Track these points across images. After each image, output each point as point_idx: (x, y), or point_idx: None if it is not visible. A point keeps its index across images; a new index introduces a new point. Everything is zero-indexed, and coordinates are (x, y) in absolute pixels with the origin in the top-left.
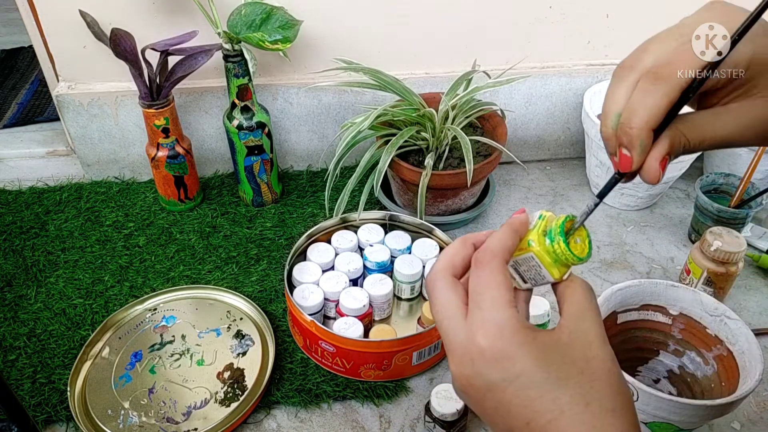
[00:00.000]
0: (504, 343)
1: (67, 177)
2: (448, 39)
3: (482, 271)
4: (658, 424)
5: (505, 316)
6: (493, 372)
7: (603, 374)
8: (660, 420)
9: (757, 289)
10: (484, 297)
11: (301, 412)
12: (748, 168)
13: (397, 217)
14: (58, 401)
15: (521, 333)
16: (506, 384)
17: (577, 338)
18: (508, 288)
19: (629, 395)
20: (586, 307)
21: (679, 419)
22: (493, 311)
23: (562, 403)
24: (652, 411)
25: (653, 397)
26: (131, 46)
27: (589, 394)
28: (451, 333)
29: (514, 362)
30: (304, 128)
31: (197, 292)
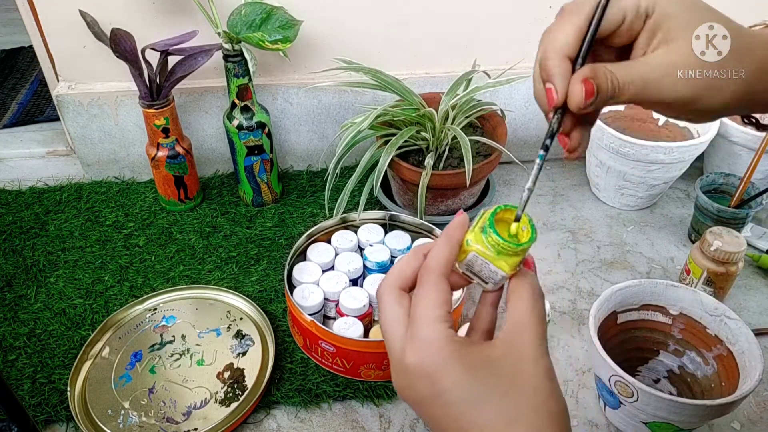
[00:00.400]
0: (429, 359)
1: (67, 177)
2: (448, 39)
3: (419, 288)
4: (658, 424)
5: (432, 332)
6: (420, 387)
7: (529, 392)
8: (660, 420)
9: (757, 289)
10: (417, 313)
11: (301, 412)
12: (748, 168)
13: (397, 217)
14: (58, 401)
15: (447, 349)
16: (432, 399)
17: (508, 354)
18: (441, 303)
19: (558, 413)
20: (525, 319)
21: (678, 419)
22: (422, 327)
23: (482, 422)
24: (652, 411)
25: (653, 397)
26: (131, 46)
27: (511, 413)
28: (390, 346)
29: (439, 379)
30: (304, 128)
31: (197, 292)
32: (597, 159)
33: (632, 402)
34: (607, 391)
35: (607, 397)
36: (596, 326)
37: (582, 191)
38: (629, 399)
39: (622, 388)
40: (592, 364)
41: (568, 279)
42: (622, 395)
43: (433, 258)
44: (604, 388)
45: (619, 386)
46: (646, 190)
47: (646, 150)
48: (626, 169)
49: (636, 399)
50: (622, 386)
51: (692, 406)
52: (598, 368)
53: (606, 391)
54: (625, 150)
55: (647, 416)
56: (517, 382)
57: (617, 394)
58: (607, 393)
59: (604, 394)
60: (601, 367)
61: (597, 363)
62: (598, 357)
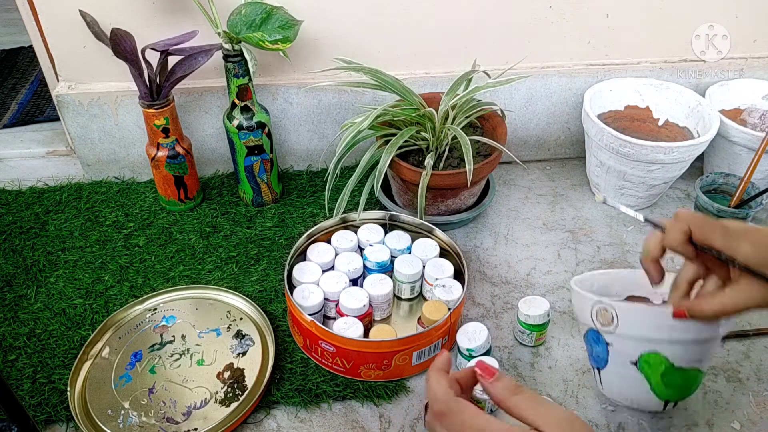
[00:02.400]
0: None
1: (67, 177)
2: (448, 39)
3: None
4: (647, 358)
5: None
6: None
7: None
8: (648, 351)
9: None
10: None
11: (301, 412)
12: (748, 168)
13: (397, 217)
14: (58, 401)
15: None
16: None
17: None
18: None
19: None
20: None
21: (668, 342)
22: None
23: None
24: (636, 334)
25: (630, 312)
26: (131, 46)
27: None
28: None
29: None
30: (304, 128)
31: (197, 292)
32: (597, 159)
33: (615, 332)
34: (594, 340)
35: (596, 353)
36: (576, 282)
37: (582, 191)
38: (610, 328)
39: (603, 316)
40: (577, 319)
41: (568, 279)
42: (605, 327)
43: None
44: (591, 338)
45: (601, 316)
46: (646, 190)
47: (646, 150)
48: (626, 169)
49: (617, 323)
50: (603, 314)
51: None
52: (581, 315)
53: (593, 340)
54: (625, 150)
55: (634, 349)
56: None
57: (601, 331)
58: (594, 342)
59: (594, 349)
60: (584, 308)
61: (579, 309)
62: (579, 300)
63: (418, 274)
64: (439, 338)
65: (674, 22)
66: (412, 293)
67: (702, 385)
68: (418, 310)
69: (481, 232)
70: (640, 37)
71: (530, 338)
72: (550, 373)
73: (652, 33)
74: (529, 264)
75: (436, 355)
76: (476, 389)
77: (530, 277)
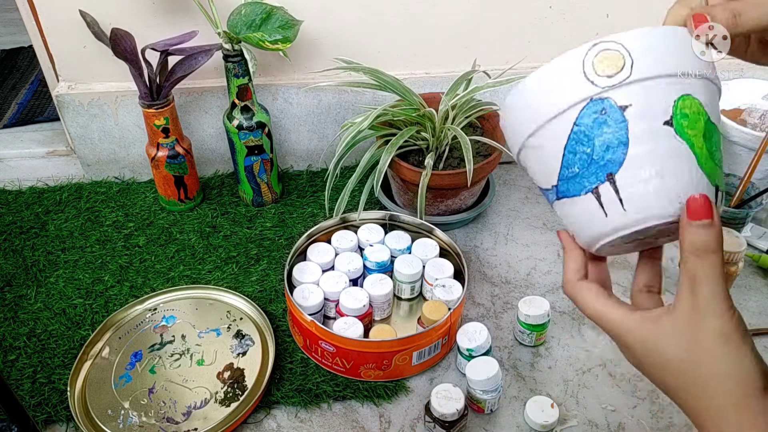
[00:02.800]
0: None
1: (67, 177)
2: (448, 39)
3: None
4: (684, 101)
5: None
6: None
7: (700, 360)
8: (683, 93)
9: (757, 289)
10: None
11: (301, 412)
12: (748, 168)
13: (397, 217)
14: (58, 401)
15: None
16: (635, 365)
17: (680, 324)
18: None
19: (728, 374)
20: (695, 275)
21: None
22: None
23: (671, 386)
24: (665, 68)
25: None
26: (131, 46)
27: (685, 380)
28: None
29: (630, 352)
30: (304, 128)
31: (197, 292)
32: None
33: (631, 79)
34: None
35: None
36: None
37: None
38: (623, 75)
39: (608, 63)
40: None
41: None
42: (615, 77)
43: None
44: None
45: (605, 65)
46: None
47: None
48: None
49: (632, 63)
50: (607, 60)
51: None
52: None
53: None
54: None
55: (665, 94)
56: (690, 353)
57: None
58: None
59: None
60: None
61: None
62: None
63: (418, 274)
64: (439, 338)
65: None
66: (412, 293)
67: None
68: (418, 310)
69: (481, 232)
70: None
71: (530, 338)
72: (550, 373)
73: None
74: (529, 264)
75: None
76: (477, 389)
77: (530, 277)
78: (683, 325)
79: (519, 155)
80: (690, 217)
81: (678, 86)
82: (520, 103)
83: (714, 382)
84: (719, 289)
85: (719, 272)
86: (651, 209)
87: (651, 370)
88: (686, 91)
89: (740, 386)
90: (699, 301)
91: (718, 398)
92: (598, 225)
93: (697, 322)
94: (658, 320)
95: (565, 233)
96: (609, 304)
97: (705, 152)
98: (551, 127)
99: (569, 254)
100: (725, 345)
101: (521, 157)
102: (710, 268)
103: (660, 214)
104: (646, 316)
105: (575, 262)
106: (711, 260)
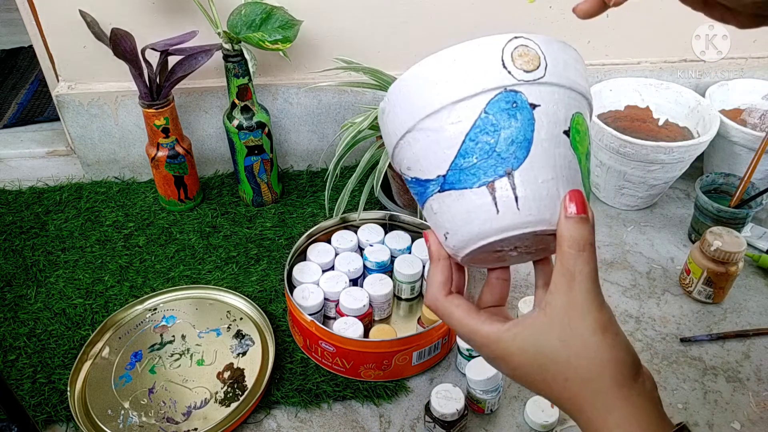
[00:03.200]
0: (493, 354)
1: (67, 177)
2: (448, 39)
3: (437, 311)
4: (579, 117)
5: (473, 329)
6: (502, 367)
7: (578, 350)
8: (578, 109)
9: (757, 289)
10: (453, 327)
11: (301, 412)
12: (748, 168)
13: (397, 217)
14: (58, 401)
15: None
16: (511, 374)
17: (556, 319)
18: (464, 309)
19: (610, 360)
20: (573, 271)
21: (587, 90)
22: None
23: (549, 381)
24: (569, 78)
25: (557, 45)
26: (131, 46)
27: (566, 371)
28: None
29: (507, 361)
30: (304, 128)
31: (197, 292)
32: (597, 159)
33: (545, 79)
34: (503, 114)
35: (507, 139)
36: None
37: None
38: (536, 73)
39: (525, 58)
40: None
41: None
42: (529, 74)
43: (431, 287)
44: (493, 116)
45: (523, 59)
46: (646, 190)
47: (646, 150)
48: (626, 169)
49: (545, 65)
50: (524, 55)
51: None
52: (469, 80)
53: (503, 115)
54: (625, 150)
55: (567, 106)
56: (567, 344)
57: (521, 83)
58: (506, 117)
59: (499, 134)
60: (480, 59)
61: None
62: (459, 55)
63: (418, 274)
64: (439, 338)
65: (674, 22)
66: (412, 293)
67: (702, 385)
68: (418, 310)
69: None
70: (640, 37)
71: None
72: None
73: (652, 33)
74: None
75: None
76: (477, 389)
77: (530, 277)
78: (561, 321)
79: (405, 137)
80: (574, 211)
81: (575, 102)
82: (425, 76)
83: (594, 368)
84: (595, 285)
85: (594, 268)
86: (542, 213)
87: (530, 372)
88: (579, 110)
89: (616, 372)
90: (576, 297)
91: (595, 383)
92: (485, 222)
93: (575, 317)
94: (534, 322)
95: (433, 237)
96: (480, 319)
97: (586, 171)
98: (457, 110)
99: (436, 264)
100: (604, 336)
101: (407, 139)
102: (587, 264)
103: (550, 219)
104: (520, 323)
105: (442, 274)
106: (587, 256)
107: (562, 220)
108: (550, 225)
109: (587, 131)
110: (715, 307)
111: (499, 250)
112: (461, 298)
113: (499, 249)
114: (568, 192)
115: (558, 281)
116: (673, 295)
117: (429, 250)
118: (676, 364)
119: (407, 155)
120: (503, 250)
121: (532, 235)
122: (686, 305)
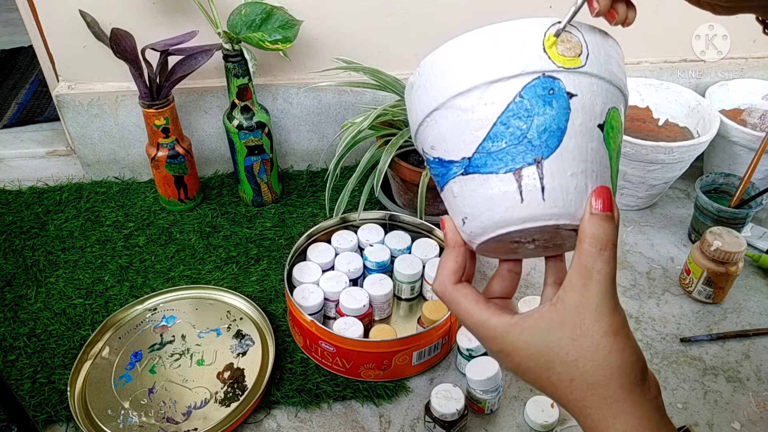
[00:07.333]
0: (498, 346)
1: (67, 177)
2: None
3: (444, 298)
4: (614, 111)
5: (480, 321)
6: (506, 363)
7: (588, 352)
8: (614, 103)
9: (757, 289)
10: (460, 316)
11: (301, 412)
12: (748, 168)
13: (397, 217)
14: (58, 401)
15: (499, 330)
16: (515, 369)
17: (568, 317)
18: (472, 299)
19: (620, 365)
20: (591, 270)
21: (625, 84)
22: (470, 319)
23: (554, 380)
24: (611, 68)
25: (599, 36)
26: (131, 46)
27: (572, 372)
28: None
29: (512, 356)
30: (304, 128)
31: (197, 292)
32: None
33: (585, 69)
34: (537, 101)
35: (540, 126)
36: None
37: None
38: (579, 62)
39: (568, 44)
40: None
41: None
42: (570, 59)
43: (440, 275)
44: (528, 101)
45: (566, 45)
46: (646, 190)
47: (646, 150)
48: (626, 169)
49: (587, 53)
50: (568, 41)
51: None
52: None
53: (536, 101)
54: (625, 150)
55: (605, 98)
56: (576, 344)
57: (562, 73)
58: (540, 104)
59: (531, 121)
60: (521, 40)
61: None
62: (503, 34)
63: (418, 274)
64: (439, 338)
65: (674, 22)
66: (412, 293)
67: (702, 385)
68: (418, 310)
69: None
70: (640, 37)
71: None
72: None
73: (652, 33)
74: (529, 264)
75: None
76: (477, 389)
77: (530, 277)
78: (573, 320)
79: (433, 114)
80: (600, 208)
81: (613, 96)
82: (461, 53)
83: (603, 372)
84: (612, 287)
85: (613, 269)
86: (568, 207)
87: (534, 368)
88: (616, 105)
89: (624, 377)
90: (591, 297)
91: (603, 388)
92: (507, 210)
93: (588, 318)
94: (544, 318)
95: (450, 222)
96: (488, 311)
97: (615, 169)
98: (491, 91)
99: (451, 251)
100: (615, 339)
101: (435, 116)
102: (607, 264)
103: (574, 214)
104: (529, 317)
105: (456, 261)
106: (608, 256)
107: (586, 216)
108: (574, 220)
109: (621, 128)
110: (715, 307)
111: (516, 241)
112: (470, 288)
113: (517, 240)
114: (595, 188)
115: (573, 278)
116: (673, 295)
117: (445, 236)
118: (676, 364)
119: (433, 133)
120: (520, 242)
121: (554, 228)
122: (686, 305)
